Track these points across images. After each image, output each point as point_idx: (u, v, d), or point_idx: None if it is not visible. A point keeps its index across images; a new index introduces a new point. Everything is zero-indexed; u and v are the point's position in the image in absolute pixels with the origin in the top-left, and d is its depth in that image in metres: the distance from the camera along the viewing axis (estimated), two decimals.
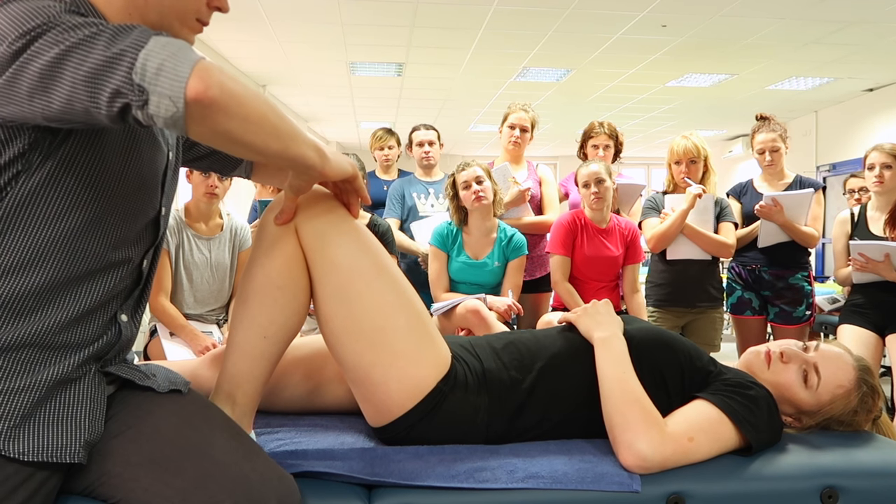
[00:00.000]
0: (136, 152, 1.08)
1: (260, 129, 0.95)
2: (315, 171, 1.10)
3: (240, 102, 0.91)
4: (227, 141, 0.94)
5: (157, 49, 0.86)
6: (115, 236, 1.05)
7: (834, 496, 1.22)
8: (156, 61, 0.85)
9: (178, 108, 0.86)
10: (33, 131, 0.94)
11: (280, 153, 1.01)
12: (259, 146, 0.96)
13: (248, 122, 0.93)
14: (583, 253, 2.93)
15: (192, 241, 2.73)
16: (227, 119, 0.90)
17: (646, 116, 9.25)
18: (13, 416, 0.94)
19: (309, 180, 1.16)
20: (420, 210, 3.52)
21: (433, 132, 3.74)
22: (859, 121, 7.97)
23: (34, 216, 0.96)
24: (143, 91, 0.85)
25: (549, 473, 1.18)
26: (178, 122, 0.87)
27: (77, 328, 1.02)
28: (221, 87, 0.88)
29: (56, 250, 0.98)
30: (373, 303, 1.26)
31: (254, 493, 0.97)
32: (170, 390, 1.11)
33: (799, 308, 3.19)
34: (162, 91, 0.85)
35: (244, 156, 1.00)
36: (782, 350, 1.42)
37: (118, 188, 1.04)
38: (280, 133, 0.99)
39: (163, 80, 0.85)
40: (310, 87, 7.75)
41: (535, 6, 4.96)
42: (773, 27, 5.36)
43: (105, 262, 1.04)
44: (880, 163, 3.02)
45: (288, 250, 1.24)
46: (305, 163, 1.07)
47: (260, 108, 0.95)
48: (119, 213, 1.05)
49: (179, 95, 0.86)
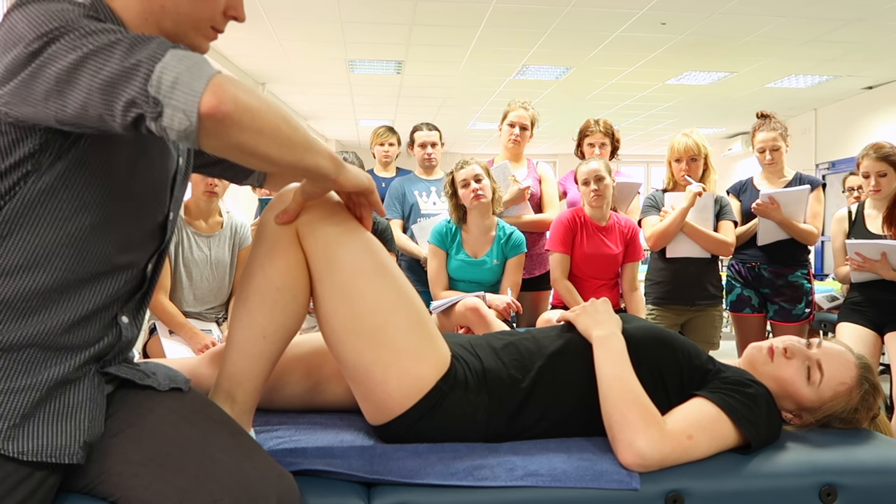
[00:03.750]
0: (146, 156, 1.08)
1: (273, 140, 0.95)
2: (330, 180, 1.11)
3: (253, 116, 0.91)
4: (240, 153, 0.94)
5: (174, 63, 0.87)
6: (122, 240, 1.05)
7: (833, 494, 1.22)
8: (171, 75, 0.86)
9: (191, 122, 0.87)
10: (44, 133, 0.94)
11: (294, 164, 1.01)
12: (273, 158, 0.97)
13: (261, 135, 0.93)
14: (582, 251, 2.93)
15: (191, 239, 2.73)
16: (240, 132, 0.91)
17: (645, 114, 9.24)
18: (13, 416, 0.94)
19: (323, 189, 1.18)
20: (422, 208, 3.51)
21: (436, 133, 3.72)
22: (859, 118, 7.97)
23: (42, 217, 0.97)
24: (158, 103, 0.86)
25: (549, 471, 1.18)
26: (191, 135, 0.88)
27: (79, 330, 1.02)
28: (235, 102, 0.89)
29: (63, 252, 0.98)
30: (373, 301, 1.26)
31: (253, 491, 0.97)
32: (170, 388, 1.11)
33: (798, 306, 3.20)
34: (176, 105, 0.86)
35: (258, 167, 1.01)
36: (786, 345, 1.42)
37: (127, 192, 1.05)
38: (294, 144, 0.99)
39: (178, 94, 0.86)
40: (309, 84, 7.74)
41: (535, 4, 4.95)
42: (773, 25, 5.36)
43: (111, 265, 1.04)
44: (875, 172, 2.99)
45: (288, 250, 1.24)
46: (320, 172, 1.08)
47: (273, 120, 0.95)
48: (127, 216, 1.05)
49: (193, 110, 0.86)
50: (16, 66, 0.88)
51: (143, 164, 1.07)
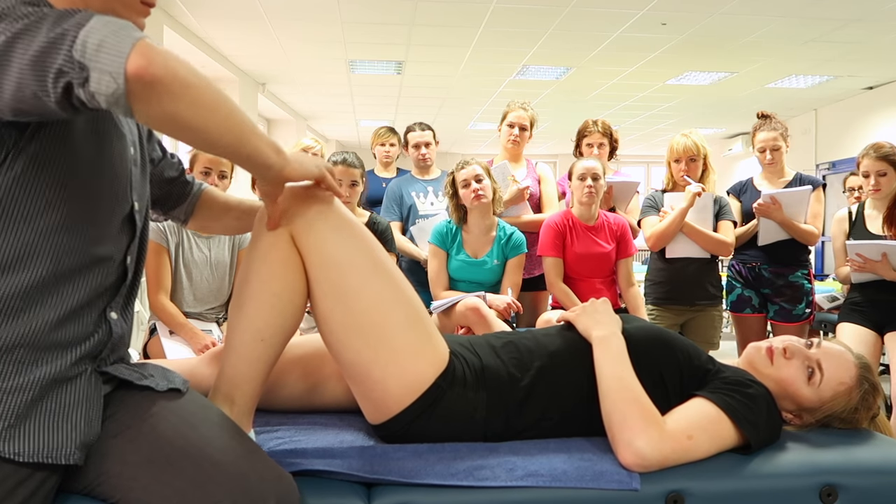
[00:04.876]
0: (104, 146, 1.07)
1: (212, 115, 0.93)
2: (273, 171, 1.09)
3: (186, 84, 0.90)
4: (176, 126, 0.92)
5: (99, 26, 0.86)
6: (94, 231, 1.04)
7: (833, 494, 1.22)
8: (96, 38, 0.85)
9: (118, 84, 0.85)
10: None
11: (234, 145, 0.99)
12: (212, 134, 0.95)
13: (198, 107, 0.91)
14: (574, 251, 2.93)
15: (191, 240, 2.73)
16: (172, 100, 0.89)
17: (645, 114, 9.24)
18: (8, 417, 0.94)
19: (274, 183, 1.14)
20: (420, 209, 3.51)
21: (428, 132, 3.71)
22: (859, 119, 7.97)
23: (12, 215, 0.96)
24: (84, 68, 0.84)
25: (549, 472, 1.18)
26: (120, 99, 0.86)
27: (66, 327, 1.01)
28: (165, 67, 0.87)
29: (40, 248, 0.98)
30: (370, 300, 1.26)
31: (252, 493, 0.97)
32: (168, 389, 1.11)
33: (798, 306, 3.20)
34: (102, 67, 0.84)
35: (197, 145, 0.98)
36: (785, 346, 1.42)
37: (91, 182, 1.04)
38: (234, 123, 0.97)
39: (103, 57, 0.84)
40: (309, 85, 7.75)
41: (535, 4, 4.96)
42: (773, 25, 5.36)
43: (88, 259, 1.04)
44: (875, 171, 3.00)
45: (283, 254, 1.24)
46: (262, 160, 1.05)
47: (212, 95, 0.93)
48: (94, 207, 1.05)
49: (119, 71, 0.84)
50: None
51: (102, 154, 1.06)
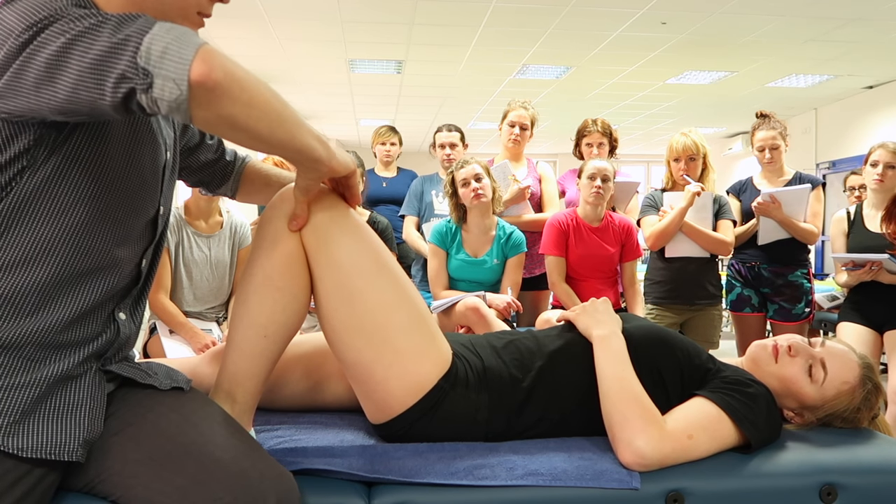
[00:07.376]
0: (138, 149, 1.08)
1: (264, 114, 0.94)
2: (323, 164, 1.09)
3: (243, 87, 0.91)
4: (231, 127, 0.93)
5: (162, 33, 0.86)
6: (117, 233, 1.05)
7: (833, 493, 1.22)
8: (161, 44, 0.85)
9: (181, 90, 0.86)
10: (38, 127, 0.94)
11: (286, 142, 1.00)
12: (264, 133, 0.96)
13: (252, 108, 0.92)
14: (577, 252, 2.93)
15: (191, 239, 2.73)
16: (231, 103, 0.90)
17: (645, 113, 9.24)
18: (13, 412, 0.94)
19: (317, 177, 1.14)
20: (436, 208, 3.53)
21: (456, 133, 3.71)
22: (859, 118, 7.97)
23: (38, 212, 0.97)
24: (148, 74, 0.85)
25: (549, 471, 1.18)
26: (182, 105, 0.87)
27: (78, 326, 1.02)
28: (224, 70, 0.88)
29: (60, 246, 0.98)
30: (374, 300, 1.25)
31: (253, 491, 0.97)
32: (171, 388, 1.11)
33: (798, 305, 3.20)
34: (167, 74, 0.85)
35: (248, 145, 0.99)
36: (790, 344, 1.42)
37: (121, 184, 1.04)
38: (284, 120, 0.98)
39: (167, 63, 0.85)
40: (309, 84, 7.74)
41: (535, 3, 4.95)
42: (773, 24, 5.36)
43: (107, 260, 1.04)
44: (885, 161, 3.01)
45: (288, 249, 1.24)
46: (312, 154, 1.06)
47: (264, 93, 0.94)
48: (122, 209, 1.05)
49: (183, 78, 0.85)
50: (7, 59, 0.88)
51: (135, 156, 1.07)
